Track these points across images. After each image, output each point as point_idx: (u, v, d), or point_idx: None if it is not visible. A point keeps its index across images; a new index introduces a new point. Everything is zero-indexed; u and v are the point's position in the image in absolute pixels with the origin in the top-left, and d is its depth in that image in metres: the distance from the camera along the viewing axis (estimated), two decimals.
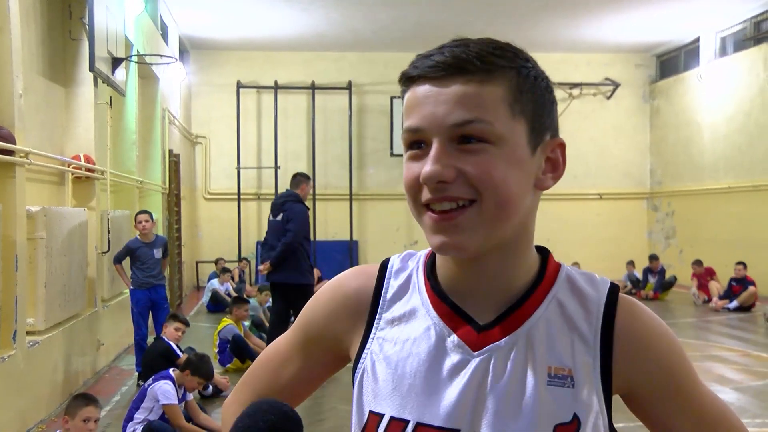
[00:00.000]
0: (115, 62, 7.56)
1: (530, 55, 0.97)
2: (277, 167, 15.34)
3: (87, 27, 6.82)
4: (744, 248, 12.55)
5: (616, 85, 16.21)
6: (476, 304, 0.99)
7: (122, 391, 6.59)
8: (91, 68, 6.77)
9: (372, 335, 1.03)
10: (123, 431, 4.91)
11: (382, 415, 0.98)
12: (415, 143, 0.94)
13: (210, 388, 6.31)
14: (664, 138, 15.91)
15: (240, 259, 14.35)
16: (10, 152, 5.07)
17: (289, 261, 6.92)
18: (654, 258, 13.44)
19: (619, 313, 0.99)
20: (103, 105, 7.89)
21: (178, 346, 6.33)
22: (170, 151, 11.93)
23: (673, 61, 15.88)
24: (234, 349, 7.30)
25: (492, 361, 0.95)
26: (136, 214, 7.38)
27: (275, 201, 7.45)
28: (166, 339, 6.31)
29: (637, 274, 13.52)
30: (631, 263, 13.87)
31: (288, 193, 7.27)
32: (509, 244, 0.97)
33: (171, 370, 5.21)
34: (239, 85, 15.52)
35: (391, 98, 15.29)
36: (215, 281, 11.83)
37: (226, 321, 7.55)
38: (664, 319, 1.02)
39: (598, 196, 16.30)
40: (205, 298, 11.71)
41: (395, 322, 1.02)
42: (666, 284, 12.94)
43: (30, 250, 5.56)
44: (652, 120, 16.40)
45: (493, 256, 0.96)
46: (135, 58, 8.99)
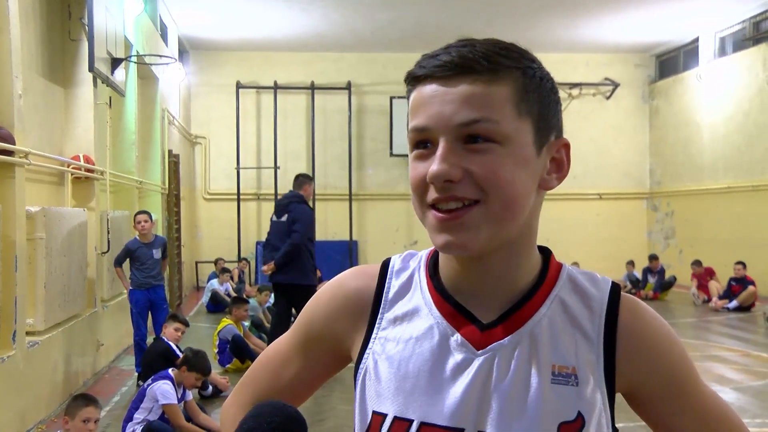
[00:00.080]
0: (115, 63, 7.56)
1: (535, 56, 0.98)
2: (276, 167, 15.34)
3: (86, 27, 6.82)
4: (743, 248, 12.55)
5: (616, 85, 16.21)
6: (479, 304, 0.99)
7: (122, 391, 6.59)
8: (91, 68, 6.77)
9: (374, 335, 1.02)
10: (123, 431, 4.92)
11: (385, 415, 0.97)
12: (422, 143, 0.94)
13: (210, 388, 6.31)
14: (664, 138, 15.91)
15: (239, 260, 14.34)
16: (10, 153, 5.07)
17: (294, 262, 6.92)
18: (654, 258, 13.45)
19: (622, 312, 0.99)
20: (102, 105, 7.89)
21: (177, 347, 6.31)
22: (170, 152, 11.93)
23: (672, 61, 15.88)
24: (234, 350, 7.30)
25: (496, 360, 0.95)
26: (135, 215, 7.37)
27: (279, 202, 7.45)
28: (166, 339, 6.30)
29: (637, 274, 13.52)
30: (631, 263, 13.88)
31: (292, 194, 7.27)
32: (513, 244, 0.97)
33: (170, 370, 5.21)
34: (239, 86, 15.52)
35: (391, 98, 15.27)
36: (215, 281, 11.82)
37: (226, 321, 7.54)
38: (664, 319, 1.02)
39: (598, 196, 16.30)
40: (205, 299, 11.71)
41: (397, 322, 1.02)
42: (666, 284, 12.95)
43: (30, 251, 5.56)
44: (652, 120, 16.41)
45: (497, 256, 0.96)
46: (134, 59, 8.99)
